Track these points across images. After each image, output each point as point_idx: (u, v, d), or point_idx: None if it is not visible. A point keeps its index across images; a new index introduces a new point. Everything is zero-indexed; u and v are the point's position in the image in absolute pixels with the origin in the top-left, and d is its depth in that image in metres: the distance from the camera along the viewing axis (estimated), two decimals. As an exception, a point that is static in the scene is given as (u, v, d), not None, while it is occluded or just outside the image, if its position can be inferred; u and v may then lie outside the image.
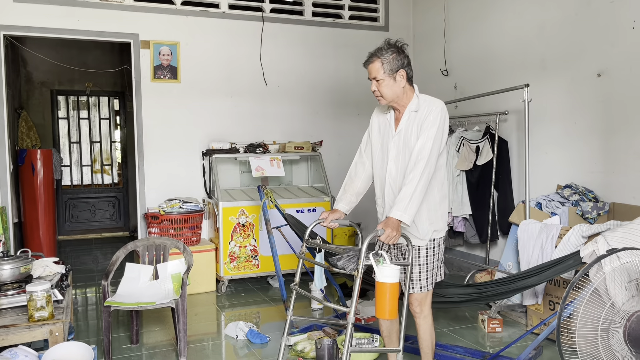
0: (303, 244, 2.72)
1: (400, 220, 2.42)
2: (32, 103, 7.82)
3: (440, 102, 2.62)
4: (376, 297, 2.28)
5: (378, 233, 2.39)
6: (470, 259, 5.38)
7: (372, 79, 2.59)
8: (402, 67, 2.56)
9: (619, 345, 2.07)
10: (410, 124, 2.59)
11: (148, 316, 4.27)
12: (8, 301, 2.69)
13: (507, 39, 4.94)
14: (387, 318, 2.28)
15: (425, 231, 2.63)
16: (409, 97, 2.62)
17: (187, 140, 5.46)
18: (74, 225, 8.20)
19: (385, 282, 2.23)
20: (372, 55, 2.58)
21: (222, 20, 5.55)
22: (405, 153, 2.59)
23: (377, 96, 2.61)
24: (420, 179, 2.45)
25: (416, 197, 2.43)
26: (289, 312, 2.68)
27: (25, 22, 4.88)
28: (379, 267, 2.25)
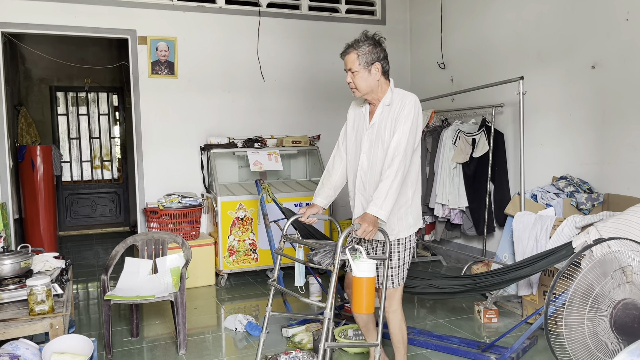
0: (281, 240, 2.70)
1: (377, 216, 2.42)
2: (31, 100, 7.85)
3: (413, 96, 2.61)
4: (353, 292, 2.28)
5: (354, 228, 2.38)
6: (467, 251, 5.42)
7: (347, 71, 2.59)
8: (377, 60, 2.56)
9: (605, 332, 2.11)
10: (384, 118, 2.60)
11: (148, 310, 4.32)
12: (9, 295, 2.74)
13: (504, 32, 4.96)
14: (364, 313, 2.28)
15: (393, 227, 2.62)
16: (383, 91, 2.63)
17: (185, 136, 5.50)
18: (74, 220, 8.24)
19: (361, 276, 2.22)
20: (349, 47, 2.58)
21: (219, 15, 5.57)
22: (378, 146, 2.60)
23: (352, 88, 2.62)
24: (397, 175, 2.46)
25: (392, 193, 2.44)
26: (268, 308, 2.64)
27: (22, 19, 4.90)
28: (356, 261, 2.24)
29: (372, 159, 2.61)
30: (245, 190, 5.11)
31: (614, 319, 2.12)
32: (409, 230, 2.67)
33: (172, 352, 3.48)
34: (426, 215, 5.51)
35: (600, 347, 2.11)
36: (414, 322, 3.94)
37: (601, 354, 2.09)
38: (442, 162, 5.04)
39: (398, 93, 2.63)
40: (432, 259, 5.77)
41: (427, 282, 3.38)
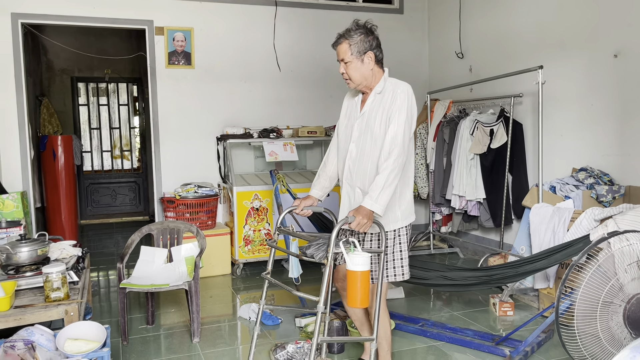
0: (275, 232, 2.67)
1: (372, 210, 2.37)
2: (53, 90, 7.97)
3: (406, 84, 2.54)
4: (347, 286, 2.24)
5: (348, 220, 2.33)
6: (484, 243, 5.36)
7: (340, 61, 2.54)
8: (370, 49, 2.50)
9: (618, 327, 2.07)
10: (375, 107, 2.54)
11: (164, 298, 4.38)
12: (26, 282, 2.79)
13: (524, 20, 4.86)
14: (358, 307, 2.23)
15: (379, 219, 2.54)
16: (377, 80, 2.57)
17: (202, 126, 5.53)
18: (95, 209, 8.38)
19: (355, 270, 2.18)
20: (340, 37, 2.53)
21: (235, 5, 5.57)
22: (367, 135, 2.54)
23: (345, 79, 2.57)
24: (394, 168, 2.40)
25: (389, 187, 2.38)
26: (262, 301, 2.61)
27: (41, 10, 4.97)
28: (350, 255, 2.20)
29: (361, 149, 2.56)
30: (261, 181, 5.12)
31: (627, 313, 2.07)
32: (395, 224, 2.58)
33: (186, 340, 3.51)
34: (443, 207, 5.46)
35: (613, 342, 2.07)
36: (429, 314, 3.92)
37: (614, 349, 2.04)
38: (460, 153, 4.98)
39: (391, 82, 2.57)
40: (449, 251, 5.72)
41: (440, 273, 3.36)
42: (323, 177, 2.79)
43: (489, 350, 3.20)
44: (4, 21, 4.85)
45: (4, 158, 4.91)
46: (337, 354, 3.25)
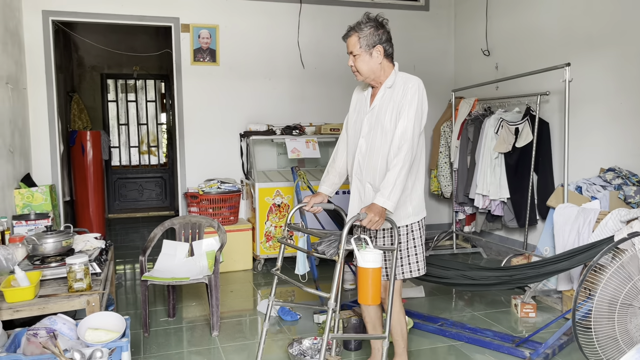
0: (285, 229, 2.66)
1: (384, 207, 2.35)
2: (83, 86, 8.15)
3: (416, 79, 2.51)
4: (358, 283, 2.22)
5: (360, 217, 2.31)
6: (508, 243, 5.28)
7: (349, 54, 2.53)
8: (379, 43, 2.48)
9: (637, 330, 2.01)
10: (385, 101, 2.51)
11: (186, 291, 4.44)
12: (51, 272, 2.87)
13: (551, 17, 4.76)
14: (369, 304, 2.21)
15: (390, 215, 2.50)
16: (386, 74, 2.54)
17: (226, 122, 5.58)
18: (122, 204, 8.55)
19: (367, 267, 2.16)
20: (351, 30, 2.52)
21: (260, 2, 5.60)
22: (377, 130, 2.51)
23: (354, 71, 2.55)
24: (405, 164, 2.37)
25: (400, 183, 2.36)
26: (271, 297, 2.59)
27: (71, 8, 5.08)
28: (361, 252, 2.18)
29: (371, 144, 2.53)
30: (283, 177, 5.15)
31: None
32: (407, 220, 2.56)
33: (206, 333, 3.56)
34: (466, 206, 5.40)
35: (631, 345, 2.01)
36: (450, 313, 3.88)
37: (633, 352, 1.99)
38: (484, 151, 4.91)
39: (401, 76, 2.54)
40: (472, 250, 5.66)
41: (460, 272, 3.32)
42: (332, 173, 2.77)
43: (508, 352, 3.15)
44: (35, 19, 4.98)
45: (35, 152, 5.05)
46: (354, 351, 3.25)
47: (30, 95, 5.00)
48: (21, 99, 4.68)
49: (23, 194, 4.23)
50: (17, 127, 4.46)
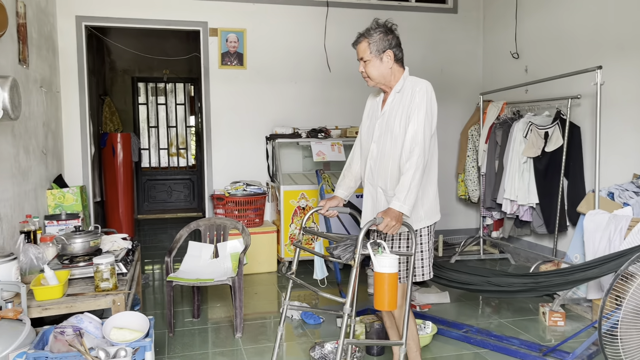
0: (300, 232, 2.67)
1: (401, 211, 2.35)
2: (115, 89, 8.33)
3: (425, 82, 2.51)
4: (374, 288, 2.20)
5: (376, 221, 2.31)
6: (537, 250, 5.17)
7: (359, 60, 2.54)
8: (389, 48, 2.49)
9: (667, 342, 1.94)
10: (395, 106, 2.52)
11: (211, 292, 4.48)
12: (79, 272, 2.94)
13: (582, 19, 4.65)
14: (386, 309, 2.19)
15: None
16: (397, 79, 2.55)
17: (252, 125, 5.63)
18: (151, 205, 8.69)
19: (383, 272, 2.14)
20: (360, 36, 2.53)
21: (287, 6, 5.63)
22: (387, 135, 2.52)
23: (364, 77, 2.57)
24: (418, 167, 2.38)
25: (414, 187, 2.36)
26: (285, 301, 2.60)
27: (103, 13, 5.20)
28: (377, 256, 2.17)
29: (381, 148, 2.54)
30: (308, 180, 5.16)
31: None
32: (418, 224, 2.56)
33: (230, 335, 3.59)
34: (494, 211, 5.31)
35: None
36: (477, 320, 3.82)
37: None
38: (512, 156, 4.83)
39: (410, 80, 2.55)
40: (499, 256, 5.56)
41: (485, 279, 3.27)
42: (348, 177, 2.78)
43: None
44: (69, 24, 5.11)
45: (67, 154, 5.18)
46: (377, 356, 3.23)
47: (64, 98, 5.14)
48: (54, 102, 4.81)
49: (55, 194, 4.34)
50: (50, 129, 4.59)
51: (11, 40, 3.52)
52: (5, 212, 3.23)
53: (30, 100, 3.91)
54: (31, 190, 3.87)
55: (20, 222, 3.45)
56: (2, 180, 3.21)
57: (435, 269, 3.57)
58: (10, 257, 2.61)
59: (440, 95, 6.64)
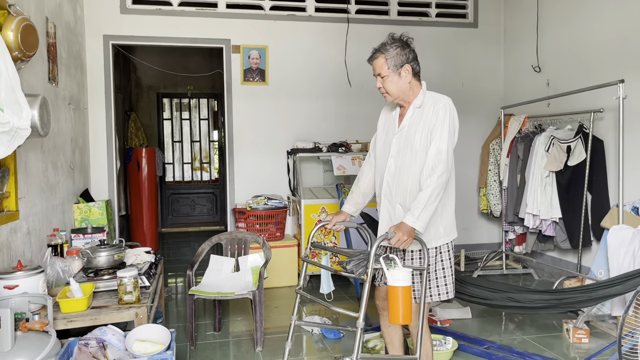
0: (308, 247, 2.67)
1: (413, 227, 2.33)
2: (140, 105, 8.53)
3: (447, 98, 2.49)
4: (388, 302, 2.20)
5: (388, 236, 2.30)
6: (561, 265, 5.09)
7: (376, 76, 2.51)
8: (407, 62, 2.46)
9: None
10: (415, 121, 2.49)
11: (232, 306, 4.52)
12: (103, 285, 3.00)
13: (605, 32, 4.62)
14: (400, 323, 2.19)
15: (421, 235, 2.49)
16: (415, 93, 2.53)
17: (274, 140, 5.69)
18: (175, 218, 8.82)
19: (397, 285, 2.14)
20: (376, 51, 2.50)
21: (308, 23, 5.71)
22: (407, 150, 2.49)
23: (383, 93, 2.53)
24: (437, 185, 2.35)
25: (431, 204, 2.34)
26: (293, 316, 2.60)
27: (130, 32, 5.36)
28: (390, 270, 2.17)
29: (400, 164, 2.51)
30: (329, 194, 5.19)
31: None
32: (438, 241, 2.54)
33: (250, 348, 3.61)
34: (516, 225, 5.26)
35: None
36: (500, 336, 3.78)
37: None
38: (534, 170, 4.79)
39: (430, 96, 2.53)
40: (523, 272, 5.49)
41: (506, 295, 3.24)
42: (356, 193, 2.77)
43: (557, 379, 3.04)
44: (97, 43, 5.27)
45: (93, 169, 5.31)
46: (396, 371, 3.21)
47: (91, 114, 5.28)
48: (82, 118, 4.95)
49: (81, 208, 4.45)
50: (78, 145, 4.72)
51: (41, 60, 3.65)
52: (33, 225, 3.33)
53: (59, 117, 4.04)
54: (59, 204, 3.98)
55: (48, 235, 3.55)
56: (31, 195, 3.31)
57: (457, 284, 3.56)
58: (37, 270, 2.69)
59: (461, 109, 6.61)
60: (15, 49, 2.81)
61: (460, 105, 6.68)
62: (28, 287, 2.60)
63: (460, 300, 3.96)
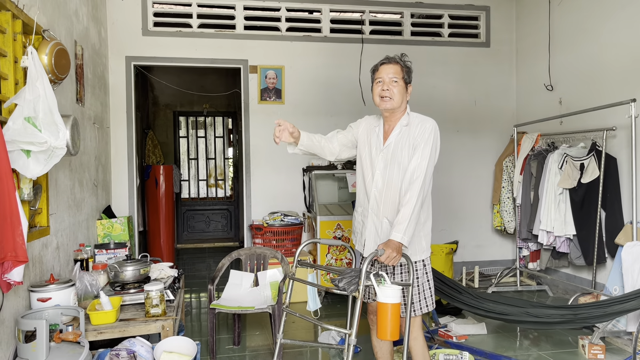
0: (294, 264, 2.72)
1: (401, 243, 2.42)
2: (157, 123, 8.70)
3: (432, 120, 2.61)
4: (377, 318, 2.25)
5: (378, 253, 2.37)
6: (575, 282, 5.12)
7: (387, 79, 2.58)
8: (411, 83, 2.64)
9: None
10: (401, 139, 2.59)
11: (251, 320, 4.59)
12: (130, 298, 3.10)
13: (617, 51, 4.70)
14: (388, 339, 2.23)
15: (406, 250, 2.58)
16: (402, 112, 2.64)
17: (289, 158, 5.79)
18: (190, 235, 8.93)
19: (386, 302, 2.20)
20: (396, 59, 2.63)
21: (323, 43, 5.86)
22: (394, 167, 2.59)
23: (387, 96, 2.58)
24: (417, 200, 2.46)
25: (414, 218, 2.45)
26: (279, 335, 2.63)
27: (151, 53, 5.53)
28: (380, 287, 2.22)
29: (388, 179, 2.60)
30: (344, 211, 5.27)
31: None
32: (422, 254, 2.65)
33: (268, 362, 3.68)
34: (530, 242, 5.30)
35: None
36: (515, 352, 3.81)
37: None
38: (547, 187, 4.85)
39: (416, 116, 2.65)
40: (537, 288, 5.51)
41: (523, 310, 3.29)
42: (316, 137, 2.75)
43: (574, 394, 3.07)
44: (119, 64, 5.45)
45: (115, 186, 5.45)
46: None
47: (112, 133, 5.44)
48: (104, 137, 5.10)
49: (104, 224, 4.57)
50: (101, 163, 4.86)
51: (70, 82, 3.80)
52: (62, 241, 3.45)
53: (85, 137, 4.19)
54: (84, 220, 4.10)
55: (74, 250, 3.67)
56: (60, 212, 3.44)
57: (472, 300, 3.62)
58: (69, 283, 2.80)
59: (474, 127, 6.72)
60: (50, 72, 2.95)
61: (473, 123, 6.77)
62: (60, 300, 2.71)
63: (475, 315, 4.01)
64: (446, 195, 6.07)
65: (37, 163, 2.49)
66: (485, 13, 6.24)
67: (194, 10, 5.62)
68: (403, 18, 6.08)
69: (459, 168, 6.13)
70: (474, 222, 6.24)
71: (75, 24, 4.02)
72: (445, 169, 5.88)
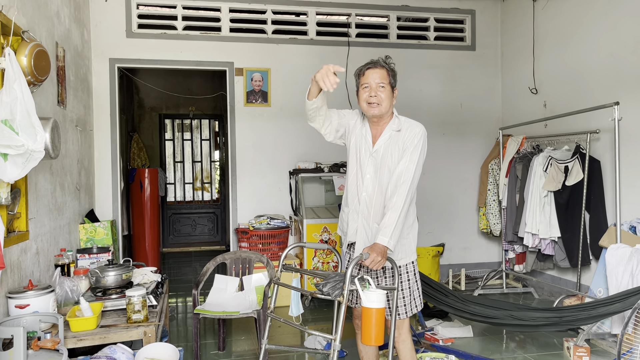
0: (279, 269, 2.70)
1: (387, 247, 2.41)
2: (143, 126, 8.63)
3: (422, 126, 2.59)
4: (362, 323, 2.23)
5: (363, 257, 2.35)
6: (560, 284, 5.14)
7: (374, 84, 2.54)
8: (396, 86, 2.61)
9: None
10: (392, 143, 2.57)
11: (236, 325, 4.55)
12: (112, 304, 3.05)
13: (600, 55, 4.74)
14: (372, 344, 2.21)
15: (396, 254, 2.58)
16: (390, 116, 2.62)
17: (276, 160, 5.78)
18: (176, 238, 8.85)
19: (371, 307, 2.18)
20: (381, 63, 2.58)
21: (309, 46, 5.84)
22: (383, 171, 2.57)
23: (375, 102, 2.53)
24: (404, 204, 2.45)
25: (400, 222, 2.44)
26: (264, 340, 2.61)
27: (135, 55, 5.47)
28: (365, 292, 2.20)
29: (378, 184, 2.58)
30: (330, 214, 5.25)
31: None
32: (411, 257, 2.67)
33: (254, 367, 3.64)
34: (516, 244, 5.32)
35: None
36: (501, 355, 3.82)
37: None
38: (532, 189, 4.87)
39: (405, 120, 2.63)
40: (523, 290, 5.54)
41: (508, 313, 3.29)
42: (326, 108, 2.73)
43: (559, 396, 3.07)
44: (103, 66, 5.38)
45: (98, 189, 5.37)
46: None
47: (96, 136, 5.37)
48: (88, 140, 5.03)
49: (87, 228, 4.50)
50: (84, 166, 4.79)
51: (51, 84, 3.74)
52: (42, 245, 3.38)
53: (66, 139, 4.12)
54: (65, 224, 4.04)
55: (55, 255, 3.60)
56: (40, 216, 3.37)
57: (458, 303, 3.61)
58: (48, 289, 2.75)
59: (460, 130, 6.74)
60: (29, 73, 2.89)
61: (459, 126, 6.80)
62: (39, 307, 2.65)
63: (462, 318, 4.01)
64: (432, 198, 6.07)
65: (14, 166, 2.44)
66: (470, 17, 6.27)
67: (179, 12, 5.58)
68: (389, 21, 6.09)
69: (445, 171, 6.14)
70: (460, 225, 6.25)
71: (57, 25, 3.96)
72: (431, 172, 5.88)
